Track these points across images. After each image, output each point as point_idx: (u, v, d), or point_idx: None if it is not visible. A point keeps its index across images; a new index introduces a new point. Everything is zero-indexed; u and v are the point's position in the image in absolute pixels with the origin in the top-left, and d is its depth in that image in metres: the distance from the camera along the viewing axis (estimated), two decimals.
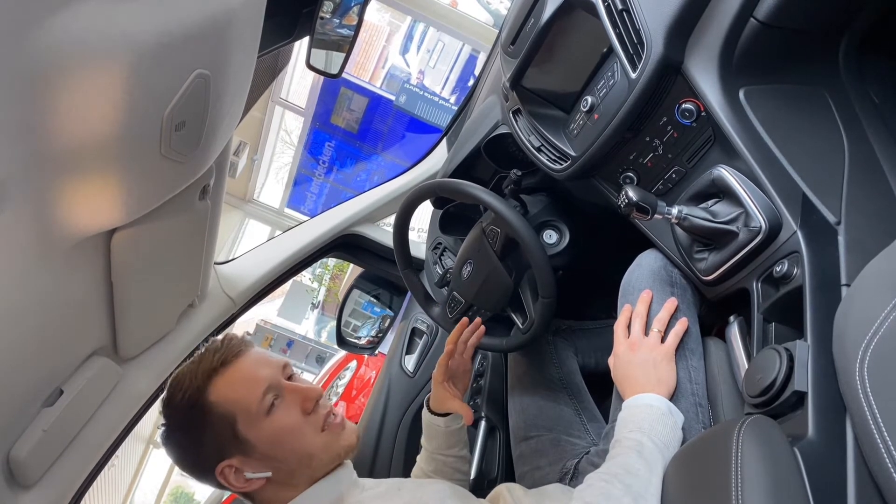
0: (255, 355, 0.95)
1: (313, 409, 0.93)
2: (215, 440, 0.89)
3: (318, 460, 0.93)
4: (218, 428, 0.89)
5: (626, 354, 1.01)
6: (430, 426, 1.27)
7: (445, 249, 1.62)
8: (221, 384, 0.90)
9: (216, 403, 0.89)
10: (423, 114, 6.20)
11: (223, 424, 0.89)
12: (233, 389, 0.90)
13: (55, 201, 0.76)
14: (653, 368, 0.97)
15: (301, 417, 0.92)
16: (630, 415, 0.93)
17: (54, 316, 0.96)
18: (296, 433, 0.91)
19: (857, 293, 0.68)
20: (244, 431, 0.89)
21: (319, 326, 9.63)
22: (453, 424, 1.26)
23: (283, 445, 0.90)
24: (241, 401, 0.89)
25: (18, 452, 1.04)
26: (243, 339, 0.98)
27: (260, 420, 0.89)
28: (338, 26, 1.49)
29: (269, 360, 0.95)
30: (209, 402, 0.89)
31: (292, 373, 0.98)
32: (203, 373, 0.91)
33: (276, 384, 0.92)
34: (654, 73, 0.93)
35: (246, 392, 0.89)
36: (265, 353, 0.97)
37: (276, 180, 8.30)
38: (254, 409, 0.89)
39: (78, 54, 0.64)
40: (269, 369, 0.93)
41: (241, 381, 0.90)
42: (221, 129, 0.97)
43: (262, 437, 0.89)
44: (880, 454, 0.55)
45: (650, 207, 0.91)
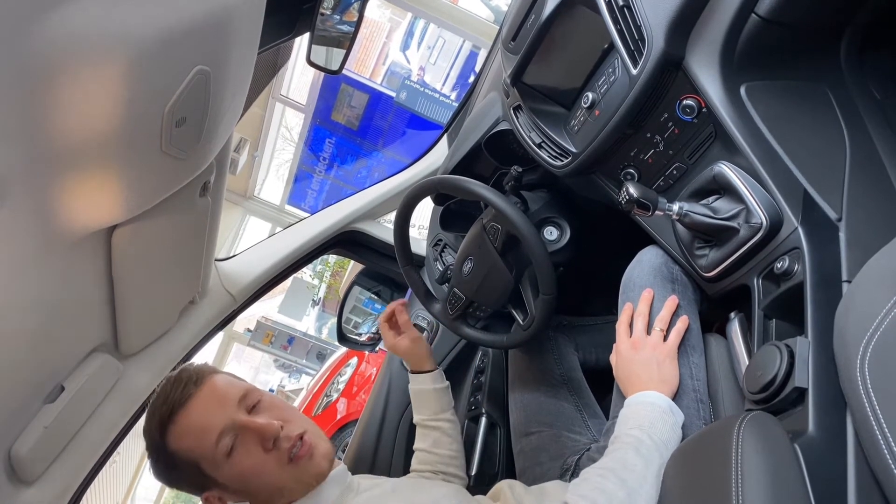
0: (207, 395, 0.92)
1: (274, 446, 0.91)
2: (189, 479, 0.93)
3: (289, 491, 0.94)
4: (188, 471, 0.91)
5: (628, 353, 1.01)
6: (419, 393, 1.34)
7: (446, 246, 1.62)
8: (176, 434, 0.90)
9: (177, 452, 0.90)
10: (423, 110, 6.19)
11: (190, 468, 0.90)
12: (187, 439, 0.89)
13: (56, 198, 0.76)
14: (656, 367, 0.97)
15: (262, 455, 0.91)
16: (631, 412, 0.93)
17: (55, 312, 0.96)
18: (259, 471, 0.90)
19: (858, 290, 0.68)
20: (210, 472, 0.90)
21: (320, 323, 9.64)
22: (439, 382, 1.34)
23: (250, 483, 0.91)
24: (198, 449, 0.89)
25: (20, 449, 1.04)
26: (197, 373, 0.94)
27: (222, 463, 0.89)
28: (338, 23, 1.48)
29: (223, 396, 0.92)
30: (171, 451, 0.90)
31: (257, 400, 0.95)
32: (156, 426, 0.91)
33: (230, 425, 0.90)
34: (655, 69, 0.93)
35: (200, 441, 0.89)
36: (222, 386, 0.94)
37: (276, 177, 8.30)
38: (211, 455, 0.89)
39: (78, 50, 0.64)
40: (220, 411, 0.90)
41: (192, 431, 0.89)
42: (222, 126, 0.97)
43: (229, 478, 0.91)
44: (881, 450, 0.55)
45: (651, 204, 0.91)
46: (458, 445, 1.34)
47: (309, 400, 4.37)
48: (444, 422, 1.34)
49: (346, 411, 3.96)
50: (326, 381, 4.39)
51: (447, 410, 1.35)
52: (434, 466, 1.29)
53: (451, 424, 1.34)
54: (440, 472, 1.29)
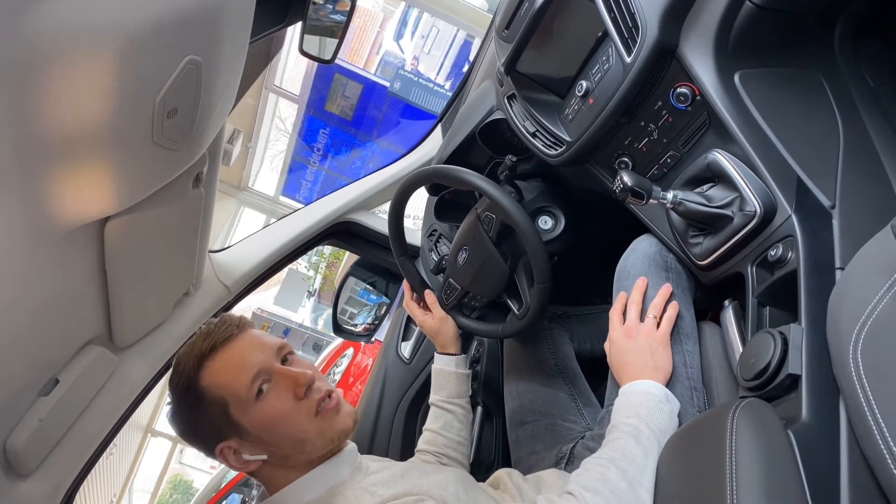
0: (248, 339, 0.94)
1: (305, 395, 0.92)
2: (211, 422, 0.90)
3: (311, 445, 0.92)
4: (212, 411, 0.89)
5: (622, 341, 1.02)
6: (440, 373, 1.37)
7: (441, 236, 1.62)
8: (212, 369, 0.90)
9: (208, 388, 0.89)
10: (417, 100, 6.17)
11: (216, 408, 0.89)
12: (222, 375, 0.90)
13: (47, 190, 0.75)
14: (650, 355, 0.97)
15: (293, 403, 0.91)
16: (627, 401, 0.94)
17: (48, 305, 0.96)
18: (287, 419, 0.90)
19: (851, 276, 0.69)
20: (236, 416, 0.89)
21: (316, 314, 9.65)
22: (462, 367, 1.37)
23: (275, 431, 0.90)
24: (230, 386, 0.89)
25: (15, 442, 1.04)
26: (240, 321, 0.96)
27: (250, 406, 0.89)
28: (331, 12, 1.47)
29: (262, 343, 0.94)
30: (201, 386, 0.89)
31: (289, 354, 0.97)
32: (194, 358, 0.91)
33: (267, 369, 0.91)
34: (649, 57, 0.92)
35: (234, 378, 0.89)
36: (260, 335, 0.96)
37: (270, 168, 8.27)
38: (243, 394, 0.89)
39: (68, 40, 0.63)
40: (260, 354, 0.92)
41: (230, 367, 0.90)
42: (214, 116, 0.96)
43: (254, 423, 0.89)
44: (873, 436, 0.56)
45: (645, 192, 0.91)
46: (466, 433, 1.35)
47: None
48: (458, 407, 1.35)
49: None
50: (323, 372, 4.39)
51: (463, 397, 1.36)
52: (440, 448, 1.29)
53: (464, 411, 1.36)
54: (445, 454, 1.29)
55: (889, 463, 0.54)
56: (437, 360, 1.39)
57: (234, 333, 0.93)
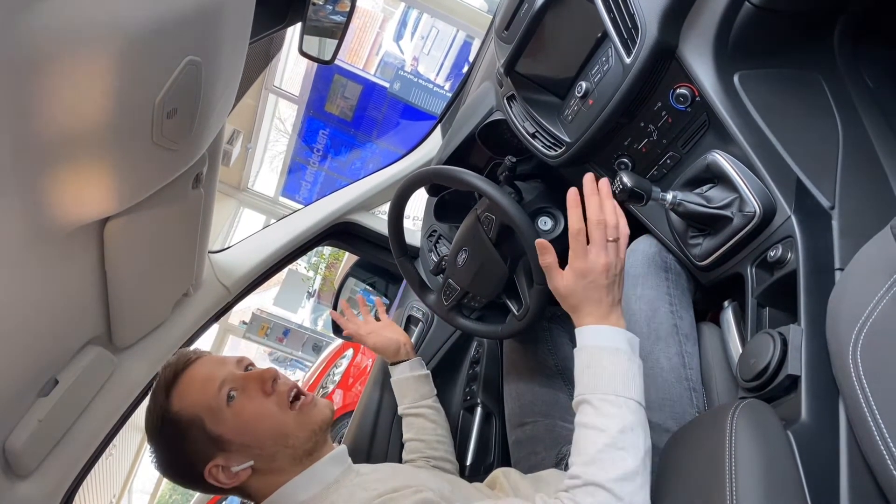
0: (207, 359, 0.99)
1: (273, 389, 0.96)
2: (193, 444, 0.92)
3: (293, 438, 0.94)
4: (191, 433, 0.92)
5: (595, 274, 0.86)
6: (398, 383, 1.37)
7: (440, 237, 1.62)
8: (180, 393, 0.94)
9: (180, 412, 0.93)
10: (417, 101, 6.17)
11: (194, 429, 0.92)
12: (190, 394, 0.94)
13: (47, 190, 0.75)
14: (617, 290, 0.87)
15: (264, 399, 0.95)
16: (599, 368, 0.83)
17: (48, 306, 0.96)
18: (262, 415, 0.93)
19: (851, 277, 0.69)
20: (214, 429, 0.92)
21: (315, 315, 9.64)
22: (418, 370, 1.38)
23: (255, 431, 0.93)
24: (200, 401, 0.92)
25: (14, 442, 1.04)
26: (194, 351, 1.01)
27: (224, 413, 0.92)
28: (330, 13, 1.47)
29: (222, 360, 0.99)
30: (174, 412, 0.93)
31: (250, 365, 1.01)
32: (161, 390, 0.95)
33: (230, 377, 0.95)
34: (648, 58, 0.92)
35: (202, 392, 0.93)
36: (219, 356, 1.01)
37: (270, 169, 8.27)
38: (214, 404, 0.92)
39: (67, 40, 0.63)
40: (222, 367, 0.97)
41: (195, 384, 0.94)
42: (214, 117, 0.96)
43: (233, 429, 0.92)
44: (873, 437, 0.56)
45: (645, 193, 0.91)
46: (443, 430, 1.35)
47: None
48: (425, 408, 1.35)
49: (342, 402, 3.97)
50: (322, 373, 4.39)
51: (428, 397, 1.37)
52: (423, 453, 1.30)
53: (432, 410, 1.36)
54: (430, 457, 1.29)
55: (888, 463, 0.54)
56: (392, 371, 1.40)
57: (192, 359, 0.98)
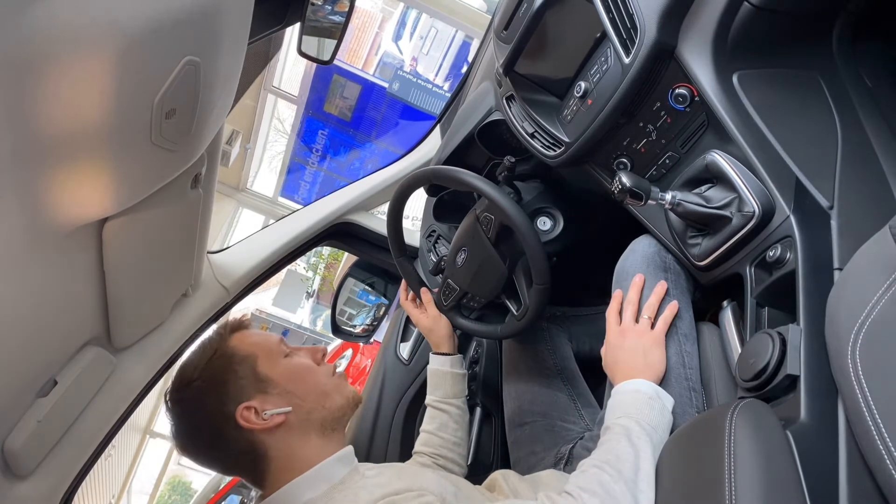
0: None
1: (322, 361, 1.06)
2: (236, 381, 0.96)
3: (332, 400, 1.01)
4: (240, 369, 0.97)
5: (616, 341, 1.02)
6: (434, 373, 1.38)
7: (439, 237, 1.62)
8: (242, 335, 1.02)
9: (237, 346, 0.99)
10: (416, 101, 6.16)
11: (245, 365, 0.97)
12: (253, 336, 1.02)
13: (45, 191, 0.75)
14: (642, 355, 0.98)
15: (313, 364, 1.04)
16: (619, 401, 0.94)
17: (46, 306, 0.95)
18: (310, 372, 1.02)
19: (850, 277, 0.69)
20: (265, 369, 0.97)
21: (315, 315, 9.64)
22: (457, 367, 1.37)
23: (303, 381, 0.99)
24: (262, 343, 1.01)
25: (13, 443, 1.04)
26: None
27: (279, 359, 1.00)
28: (329, 13, 1.47)
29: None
30: (230, 346, 0.99)
31: None
32: (224, 330, 1.02)
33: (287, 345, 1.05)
34: (647, 58, 0.92)
35: (265, 338, 1.03)
36: None
37: (269, 169, 8.27)
38: (274, 349, 1.00)
39: (65, 41, 0.63)
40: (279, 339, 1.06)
41: (257, 334, 1.03)
42: (212, 117, 0.96)
43: (283, 373, 0.98)
44: (872, 437, 0.56)
45: (644, 193, 0.91)
46: (462, 433, 1.34)
47: None
48: (453, 407, 1.35)
49: None
50: None
51: (459, 397, 1.37)
52: (436, 449, 1.29)
53: (459, 411, 1.36)
54: (441, 455, 1.29)
55: (887, 463, 0.54)
56: (433, 360, 1.39)
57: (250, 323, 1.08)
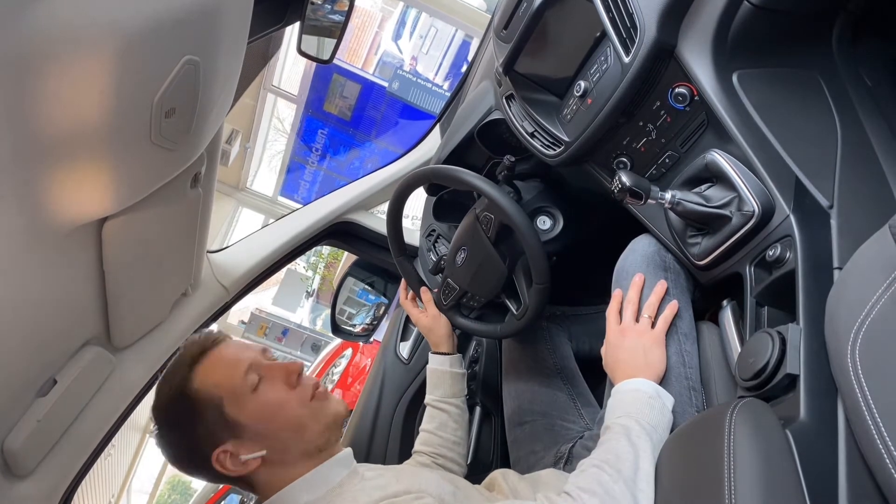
0: (234, 343, 0.98)
1: (298, 383, 0.95)
2: (206, 427, 0.90)
3: (309, 431, 0.94)
4: (207, 414, 0.89)
5: (616, 340, 1.02)
6: (434, 372, 1.37)
7: (439, 236, 1.62)
8: (204, 371, 0.92)
9: (201, 389, 0.90)
10: (416, 100, 6.17)
11: (211, 409, 0.89)
12: (215, 373, 0.91)
13: (44, 190, 0.75)
14: (642, 354, 0.97)
15: (287, 391, 0.94)
16: (619, 400, 0.94)
17: (46, 306, 0.95)
18: (284, 406, 0.93)
19: (849, 276, 0.69)
20: (232, 413, 0.90)
21: (314, 315, 9.65)
22: (456, 367, 1.36)
23: (274, 420, 0.92)
24: (225, 383, 0.90)
25: (13, 443, 1.04)
26: (220, 333, 1.00)
27: (246, 398, 0.90)
28: (329, 12, 1.47)
29: (247, 345, 0.99)
30: (194, 389, 0.90)
31: (273, 356, 1.00)
32: (185, 364, 0.92)
33: (258, 364, 0.94)
34: (647, 57, 0.92)
35: (229, 374, 0.91)
36: (243, 341, 1.01)
37: (268, 168, 8.27)
38: (239, 388, 0.90)
39: (65, 40, 0.63)
40: (248, 351, 0.96)
41: (222, 365, 0.92)
42: (212, 116, 0.96)
43: (252, 415, 0.90)
44: (871, 436, 0.56)
45: (643, 192, 0.91)
46: (462, 433, 1.34)
47: None
48: (452, 406, 1.34)
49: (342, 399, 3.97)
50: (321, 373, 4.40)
51: (458, 396, 1.36)
52: (436, 449, 1.29)
53: (459, 410, 1.35)
54: (441, 455, 1.29)
55: (887, 462, 0.54)
56: (432, 359, 1.39)
57: (220, 339, 0.97)
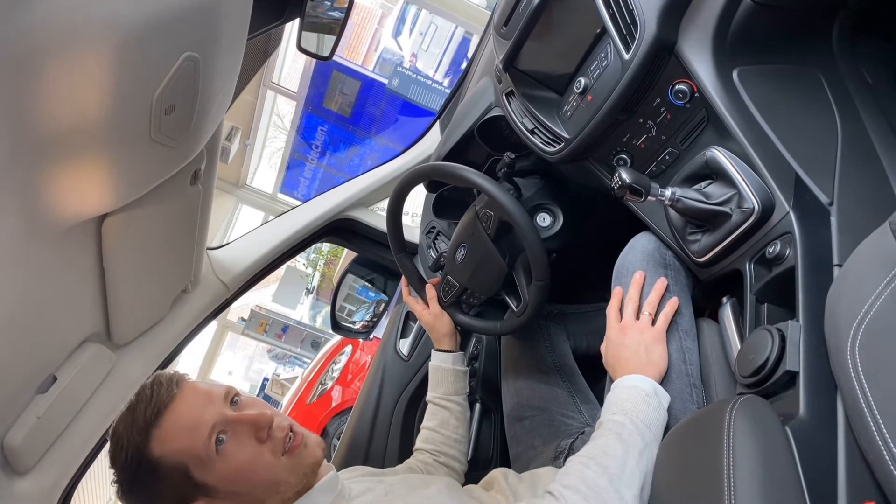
0: (192, 394, 0.87)
1: (268, 436, 0.87)
2: (174, 490, 0.84)
3: (284, 485, 0.89)
4: (172, 479, 0.83)
5: (617, 337, 1.01)
6: (436, 369, 1.37)
7: (439, 233, 1.62)
8: (162, 437, 0.83)
9: (163, 457, 0.83)
10: (416, 97, 6.16)
11: (176, 475, 0.83)
12: (175, 439, 0.83)
13: (44, 187, 0.75)
14: (643, 351, 0.97)
15: (257, 447, 0.87)
16: (615, 396, 0.93)
17: (46, 303, 0.95)
18: (254, 465, 0.86)
19: (849, 273, 0.69)
20: (200, 477, 0.84)
21: (314, 312, 9.65)
22: (458, 364, 1.37)
23: (245, 480, 0.85)
24: (188, 449, 0.83)
25: (13, 439, 1.04)
26: (174, 377, 0.90)
27: (213, 462, 0.83)
28: (329, 8, 1.47)
29: (208, 394, 0.88)
30: (154, 457, 0.83)
31: (237, 396, 0.91)
32: (139, 429, 0.83)
33: (221, 420, 0.85)
34: (647, 53, 0.92)
35: (190, 439, 0.83)
36: (202, 386, 0.90)
37: (268, 165, 8.26)
38: (203, 454, 0.83)
39: (65, 37, 0.63)
40: (210, 406, 0.86)
41: (181, 428, 0.84)
42: (212, 113, 0.96)
43: (221, 479, 0.84)
44: (871, 433, 0.56)
45: (643, 189, 0.91)
46: (463, 430, 1.35)
47: (304, 388, 4.38)
48: (454, 404, 1.35)
49: (341, 399, 3.98)
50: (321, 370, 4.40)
51: (460, 394, 1.37)
52: (437, 447, 1.30)
53: (460, 408, 1.36)
54: (442, 452, 1.29)
55: (886, 459, 0.54)
56: (434, 356, 1.39)
57: (174, 392, 0.87)
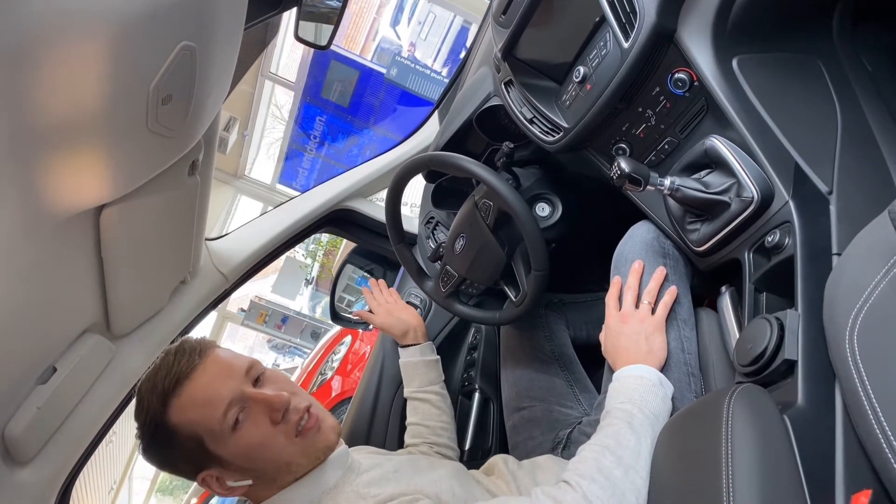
0: (213, 366, 0.88)
1: (283, 418, 0.88)
2: (188, 456, 0.87)
3: (296, 465, 0.91)
4: (187, 447, 0.86)
5: (617, 326, 1.01)
6: (406, 365, 1.38)
7: (438, 223, 1.61)
8: (180, 406, 0.85)
9: (179, 425, 0.85)
10: (414, 87, 6.14)
11: (191, 444, 0.85)
12: (192, 411, 0.85)
13: (41, 178, 0.75)
14: (644, 340, 0.97)
15: (271, 428, 0.88)
16: (621, 385, 0.93)
17: (45, 294, 0.95)
18: (267, 445, 0.87)
19: (848, 262, 0.69)
20: (214, 449, 0.86)
21: (314, 302, 9.66)
22: (428, 355, 1.38)
23: (257, 458, 0.87)
24: (203, 422, 0.84)
25: (13, 430, 1.04)
26: (201, 345, 0.91)
27: (227, 437, 0.85)
28: None
29: (229, 367, 0.89)
30: (172, 424, 0.85)
31: (261, 372, 0.92)
32: (158, 396, 0.85)
33: (239, 396, 0.86)
34: (646, 42, 0.92)
35: (206, 413, 0.84)
36: (226, 358, 0.90)
37: (266, 156, 8.25)
38: (217, 429, 0.84)
39: (60, 26, 0.62)
40: (229, 381, 0.87)
41: (199, 401, 0.85)
42: (209, 103, 0.95)
43: (234, 453, 0.86)
44: (869, 421, 0.56)
45: (642, 179, 0.91)
46: (447, 417, 1.35)
47: (304, 378, 4.39)
48: (431, 394, 1.35)
49: (340, 389, 3.98)
50: (321, 360, 4.40)
51: (436, 383, 1.37)
52: (426, 438, 1.30)
53: (439, 397, 1.36)
54: (432, 443, 1.30)
55: (884, 447, 0.54)
56: (402, 354, 1.40)
57: (196, 363, 0.87)
